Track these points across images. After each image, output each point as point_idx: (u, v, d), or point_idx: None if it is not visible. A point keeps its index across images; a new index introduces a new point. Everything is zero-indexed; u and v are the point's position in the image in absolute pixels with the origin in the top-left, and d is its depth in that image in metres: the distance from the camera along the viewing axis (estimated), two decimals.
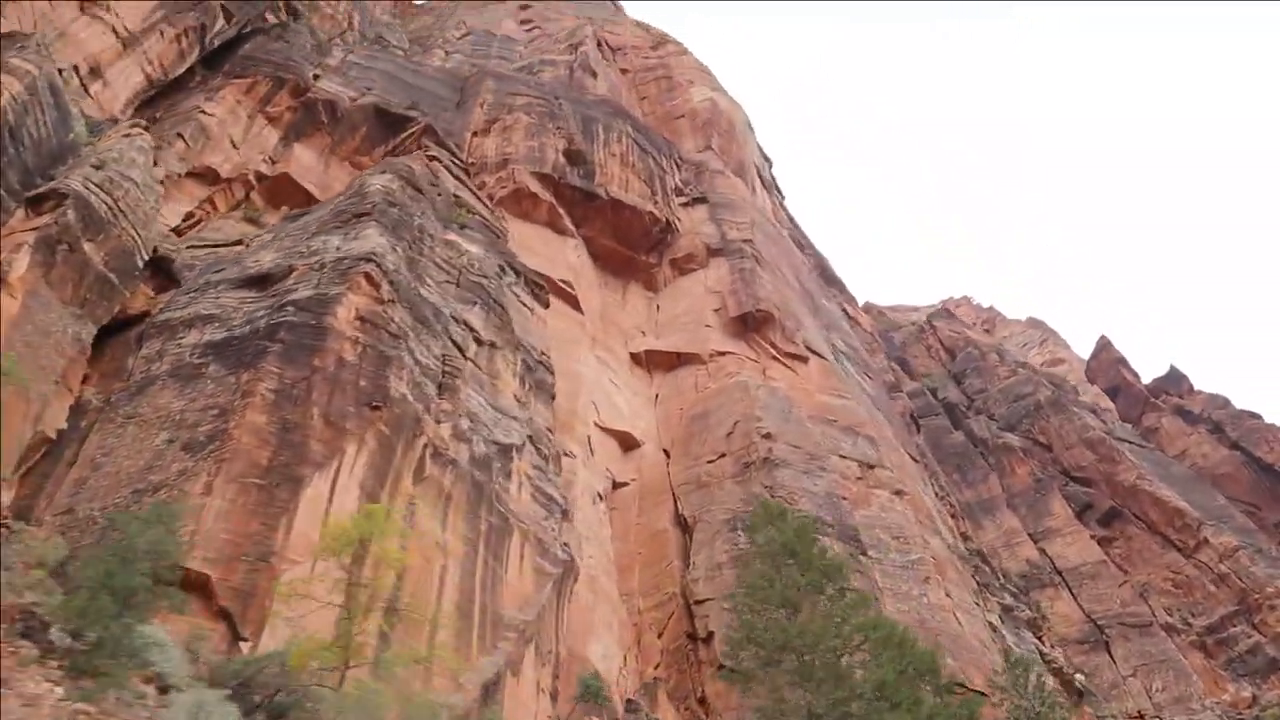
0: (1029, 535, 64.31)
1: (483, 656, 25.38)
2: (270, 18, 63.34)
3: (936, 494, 61.10)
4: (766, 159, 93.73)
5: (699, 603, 39.96)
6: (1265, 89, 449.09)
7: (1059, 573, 61.61)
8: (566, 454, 43.41)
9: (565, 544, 32.45)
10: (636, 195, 61.88)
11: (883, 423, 58.49)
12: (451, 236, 40.84)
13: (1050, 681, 37.73)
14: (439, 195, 46.57)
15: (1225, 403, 78.31)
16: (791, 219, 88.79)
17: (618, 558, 44.15)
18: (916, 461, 62.48)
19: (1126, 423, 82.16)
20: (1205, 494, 68.56)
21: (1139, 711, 54.17)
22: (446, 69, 71.86)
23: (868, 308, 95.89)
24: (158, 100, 50.36)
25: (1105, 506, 66.69)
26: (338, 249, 32.11)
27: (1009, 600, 52.33)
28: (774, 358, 56.32)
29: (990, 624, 47.24)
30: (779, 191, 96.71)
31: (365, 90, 58.59)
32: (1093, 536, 65.25)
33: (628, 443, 50.44)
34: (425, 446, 27.58)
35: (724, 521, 43.74)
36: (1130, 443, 73.03)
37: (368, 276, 30.20)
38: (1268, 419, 75.16)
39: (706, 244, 63.67)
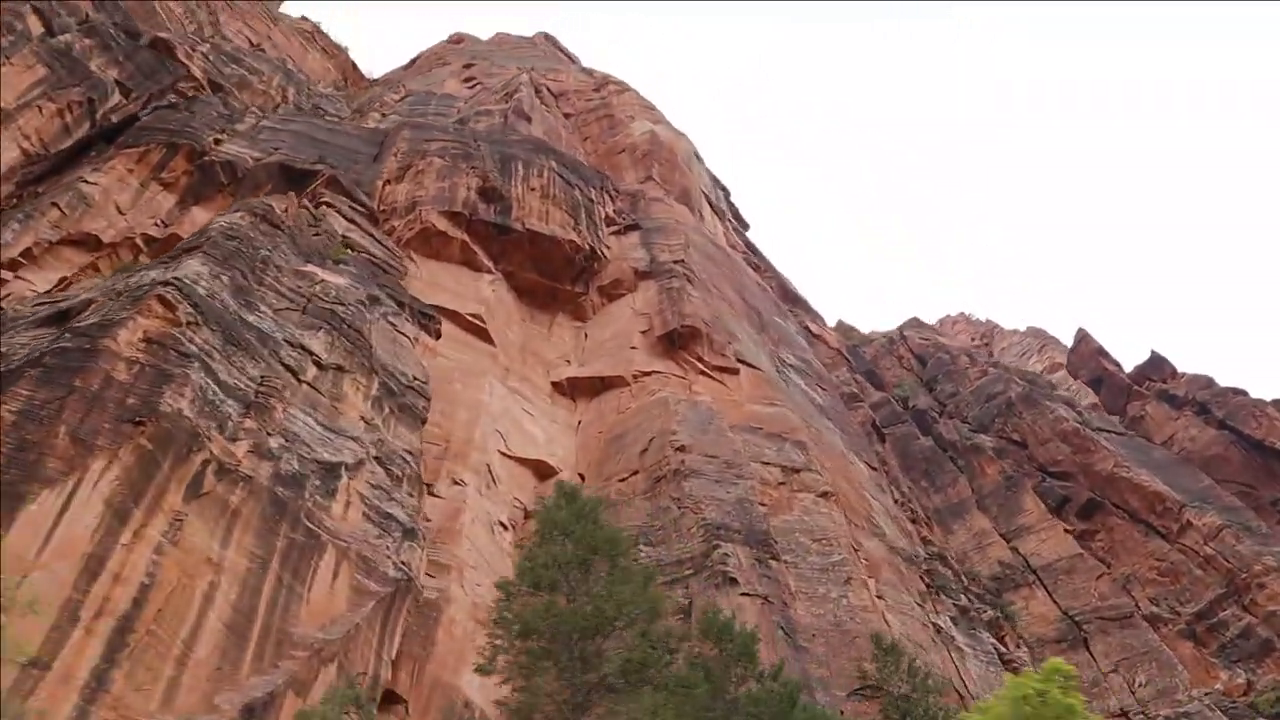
0: (1001, 535, 61.17)
1: (255, 676, 23.59)
2: (189, 91, 64.18)
3: (896, 500, 58.51)
4: (722, 187, 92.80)
5: None
6: (1198, 81, 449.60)
7: (1033, 571, 58.36)
8: (457, 482, 41.98)
9: (403, 563, 30.63)
10: (557, 226, 60.92)
11: (826, 429, 56.27)
12: (310, 269, 39.91)
13: (926, 668, 34.59)
14: (317, 235, 46.00)
15: (1209, 382, 74.66)
16: (750, 244, 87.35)
17: None
18: (875, 469, 60.02)
19: (1113, 414, 78.77)
20: (1190, 476, 65.01)
21: (1122, 709, 50.64)
22: (369, 127, 71.88)
23: (839, 326, 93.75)
24: (49, 176, 50.44)
25: (1083, 498, 63.39)
26: (151, 279, 31.26)
27: (965, 602, 49.35)
28: (701, 372, 54.58)
29: (936, 625, 44.50)
30: (740, 220, 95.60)
31: (272, 150, 58.47)
32: (1070, 530, 61.97)
33: (543, 471, 48.63)
34: (206, 463, 26.15)
35: (641, 529, 41.73)
36: (1110, 431, 69.72)
37: (161, 299, 29.17)
38: (1254, 394, 71.47)
39: (635, 268, 62.47)
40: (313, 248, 43.39)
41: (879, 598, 42.55)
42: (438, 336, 46.88)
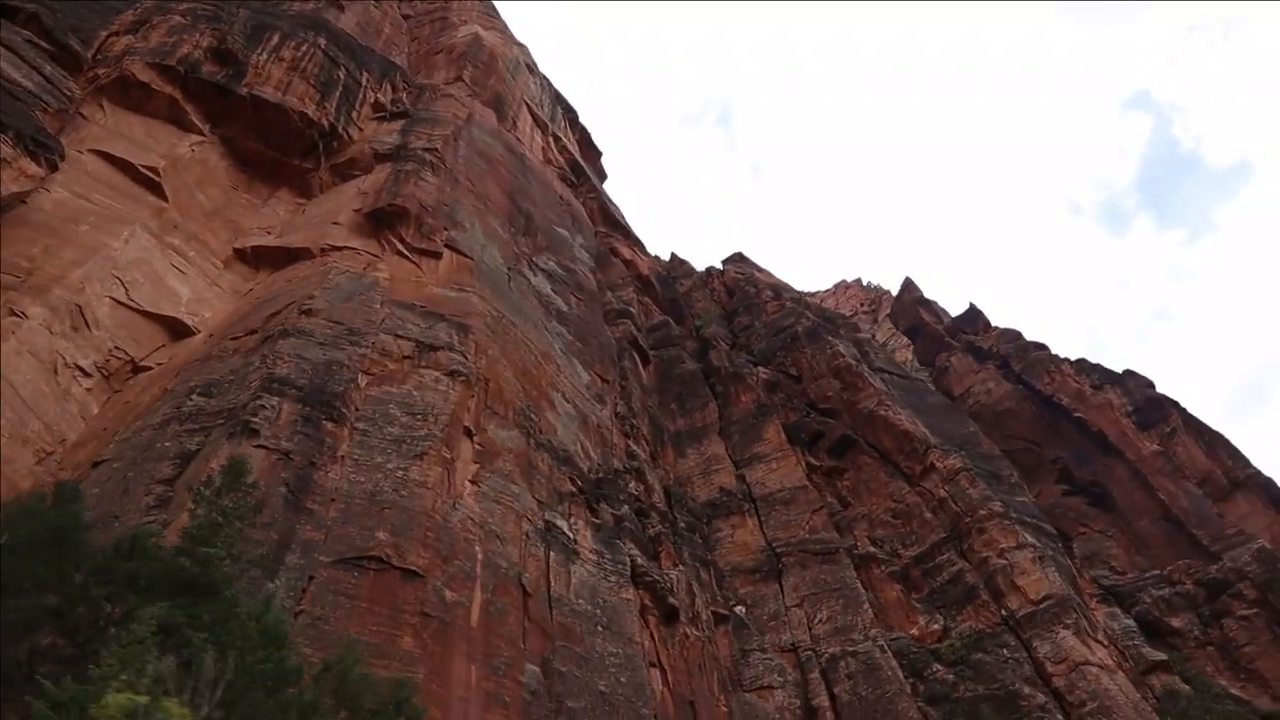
0: (734, 462, 57.18)
1: None
2: None
3: (618, 413, 54.68)
4: (565, 106, 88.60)
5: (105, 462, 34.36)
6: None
7: (751, 500, 54.40)
8: (16, 314, 38.42)
9: None
10: (294, 98, 57.06)
11: (536, 327, 52.93)
12: None
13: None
14: None
15: (1016, 337, 70.54)
16: (578, 165, 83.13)
17: (85, 433, 38.78)
18: (606, 382, 56.30)
19: (925, 365, 74.97)
20: (957, 423, 61.09)
21: (793, 644, 46.78)
22: None
23: (672, 258, 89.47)
24: None
25: (837, 435, 59.33)
26: None
27: (625, 512, 45.49)
28: (399, 252, 50.95)
29: (549, 523, 40.74)
30: (590, 145, 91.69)
31: None
32: (819, 466, 58.05)
33: (177, 330, 45.21)
34: None
35: (189, 388, 38.07)
36: (890, 373, 65.61)
37: None
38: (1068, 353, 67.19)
39: (376, 150, 58.82)
40: None
41: (471, 482, 38.83)
42: (52, 169, 43.11)
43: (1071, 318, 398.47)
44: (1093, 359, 72.21)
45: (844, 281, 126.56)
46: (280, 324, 41.74)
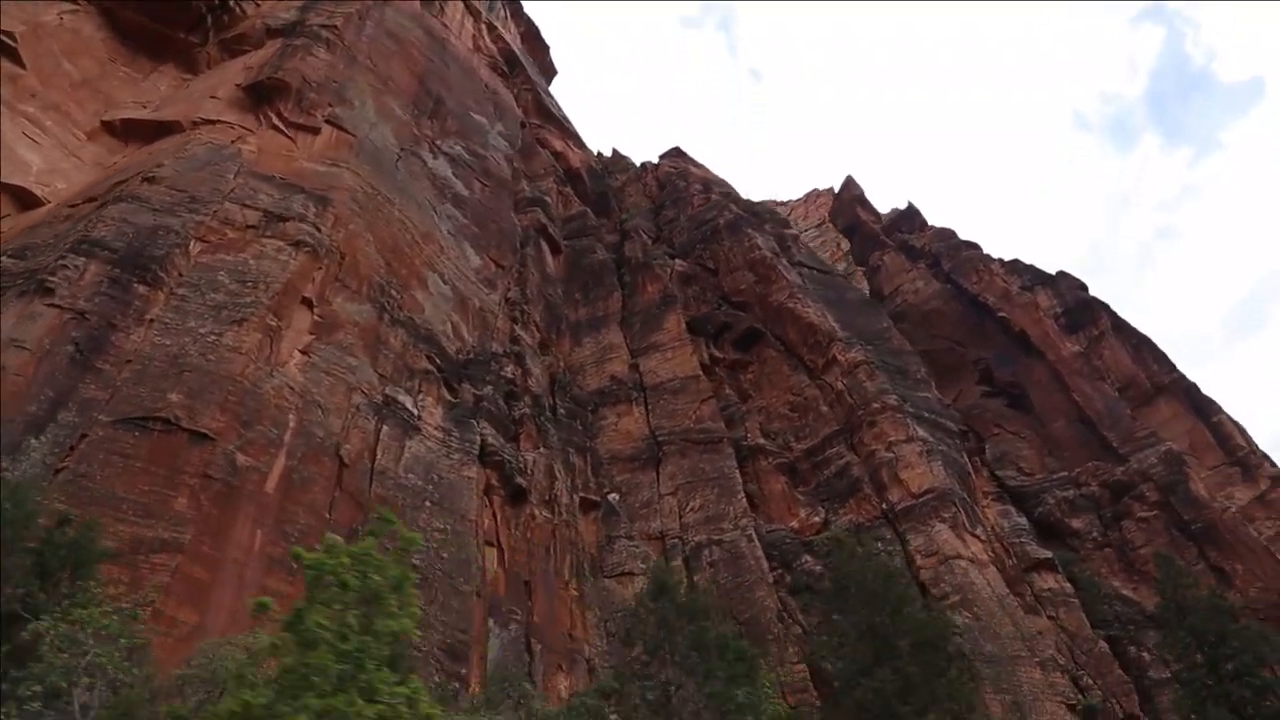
0: (630, 351, 55.65)
1: None
2: None
3: (509, 299, 53.12)
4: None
5: None
6: None
7: (641, 389, 52.93)
8: None
9: None
10: None
11: (421, 208, 51.32)
12: None
13: None
14: None
15: (950, 236, 67.99)
16: (513, 53, 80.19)
17: None
18: (501, 267, 54.65)
19: (861, 264, 72.81)
20: (872, 319, 59.15)
21: (662, 531, 45.70)
22: None
23: (614, 154, 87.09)
24: None
25: (744, 328, 57.56)
26: None
27: (486, 393, 44.14)
28: (274, 127, 48.98)
29: (388, 397, 39.51)
30: (538, 39, 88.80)
31: None
32: (722, 358, 56.46)
33: (25, 199, 43.57)
34: None
35: (19, 247, 36.74)
36: (811, 268, 63.48)
37: None
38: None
39: (269, 25, 56.52)
40: None
41: (302, 352, 37.57)
42: None
43: (1073, 234, 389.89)
44: (1092, 279, 69.67)
45: (815, 190, 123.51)
46: (119, 191, 40.20)
